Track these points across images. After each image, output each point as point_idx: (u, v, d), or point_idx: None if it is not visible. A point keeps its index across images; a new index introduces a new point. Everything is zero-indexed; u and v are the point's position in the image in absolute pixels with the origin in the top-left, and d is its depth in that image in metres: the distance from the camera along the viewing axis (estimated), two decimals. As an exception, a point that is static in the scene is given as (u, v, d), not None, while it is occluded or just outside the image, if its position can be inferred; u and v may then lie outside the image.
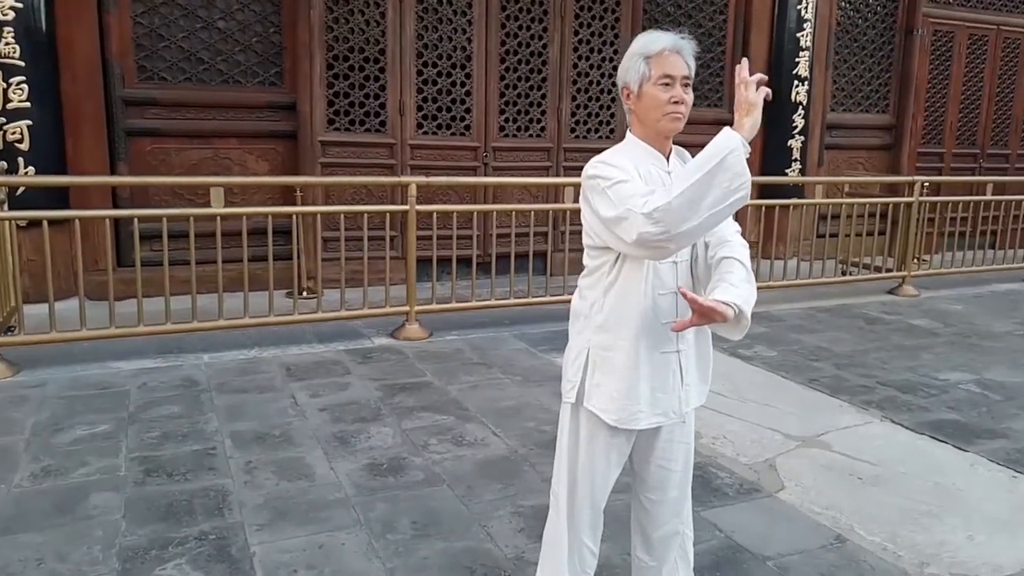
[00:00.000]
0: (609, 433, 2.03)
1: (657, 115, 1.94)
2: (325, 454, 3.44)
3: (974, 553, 2.78)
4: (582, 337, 2.04)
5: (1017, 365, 5.09)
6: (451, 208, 5.82)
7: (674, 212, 1.73)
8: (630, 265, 1.94)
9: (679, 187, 1.74)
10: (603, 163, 1.93)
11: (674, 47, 1.95)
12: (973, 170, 9.50)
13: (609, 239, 1.90)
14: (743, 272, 1.92)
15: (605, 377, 1.98)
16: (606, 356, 1.98)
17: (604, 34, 7.48)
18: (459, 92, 7.06)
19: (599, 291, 1.99)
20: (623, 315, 1.95)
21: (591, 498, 2.09)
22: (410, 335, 5.33)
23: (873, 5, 8.80)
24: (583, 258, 2.08)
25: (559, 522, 2.12)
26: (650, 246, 1.80)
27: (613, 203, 1.85)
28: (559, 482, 2.13)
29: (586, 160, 7.04)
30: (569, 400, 2.07)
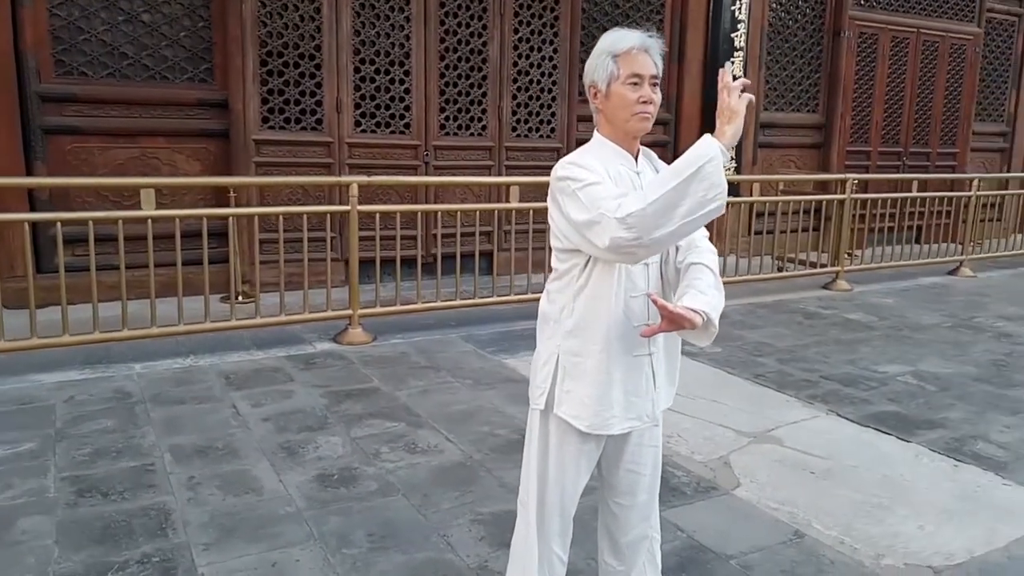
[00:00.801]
0: (579, 440, 1.99)
1: (626, 115, 1.90)
2: (272, 466, 3.30)
3: (925, 543, 2.84)
4: (551, 342, 1.98)
5: (947, 356, 5.27)
6: (394, 208, 5.70)
7: (648, 218, 1.70)
8: (601, 268, 1.90)
9: (654, 193, 1.70)
10: (573, 164, 1.88)
11: (642, 45, 1.90)
12: (897, 168, 9.84)
13: (580, 242, 1.85)
14: (712, 278, 1.91)
15: (576, 383, 1.93)
16: (577, 361, 1.93)
17: (543, 32, 7.45)
18: (398, 89, 6.93)
19: (569, 295, 1.94)
20: (594, 319, 1.91)
21: (561, 506, 2.04)
22: (353, 339, 5.19)
23: (803, 7, 9.02)
24: (551, 260, 2.02)
25: (528, 531, 2.06)
26: (622, 251, 1.76)
27: (585, 206, 1.80)
28: (527, 491, 2.07)
29: (528, 159, 7.07)
30: (538, 407, 2.01)
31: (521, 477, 2.11)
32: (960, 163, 10.23)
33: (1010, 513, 3.08)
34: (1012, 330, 6.02)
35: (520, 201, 6.02)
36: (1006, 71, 10.73)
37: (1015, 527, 2.97)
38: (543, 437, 2.02)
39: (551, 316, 1.99)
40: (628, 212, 1.71)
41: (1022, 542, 2.86)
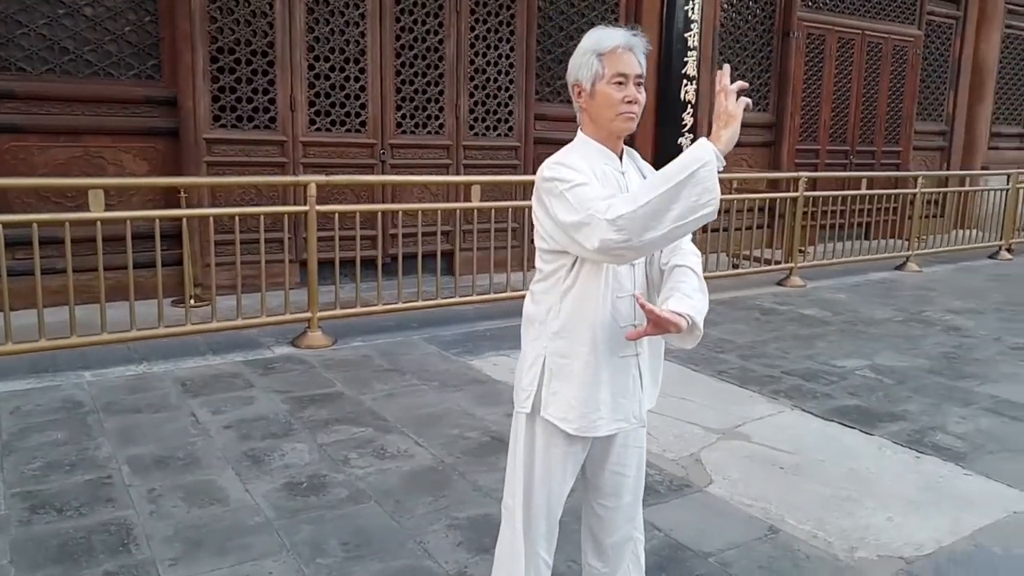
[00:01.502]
0: (566, 442, 1.96)
1: (611, 114, 1.88)
2: (237, 475, 3.19)
3: (895, 534, 2.89)
4: (537, 344, 1.94)
5: (901, 350, 5.39)
6: (353, 208, 5.59)
7: (639, 221, 1.68)
8: (588, 269, 1.87)
9: (646, 196, 1.68)
10: (559, 164, 1.85)
11: (627, 44, 1.89)
12: (844, 166, 10.08)
13: (567, 244, 1.82)
14: (696, 281, 1.90)
15: (563, 385, 1.90)
16: (564, 363, 1.90)
17: (500, 31, 7.41)
18: (353, 87, 6.81)
19: (555, 296, 1.91)
20: (581, 320, 1.88)
21: (547, 509, 2.01)
22: (313, 343, 5.07)
23: (753, 8, 9.17)
24: (536, 262, 1.99)
25: (514, 535, 2.03)
26: (612, 253, 1.73)
27: (573, 207, 1.77)
28: (513, 494, 2.03)
29: (486, 157, 7.03)
30: (524, 410, 1.97)
31: (506, 481, 2.07)
32: (903, 161, 10.53)
33: (972, 503, 3.16)
34: (960, 323, 6.21)
35: (480, 200, 5.98)
36: (944, 72, 11.07)
37: (978, 516, 3.04)
38: (529, 440, 1.99)
39: (536, 318, 1.95)
40: (619, 214, 1.68)
41: (987, 531, 2.93)
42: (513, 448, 2.04)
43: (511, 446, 2.05)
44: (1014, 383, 4.69)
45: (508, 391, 4.31)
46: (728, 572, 2.61)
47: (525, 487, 1.97)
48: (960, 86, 11.15)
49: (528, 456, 1.99)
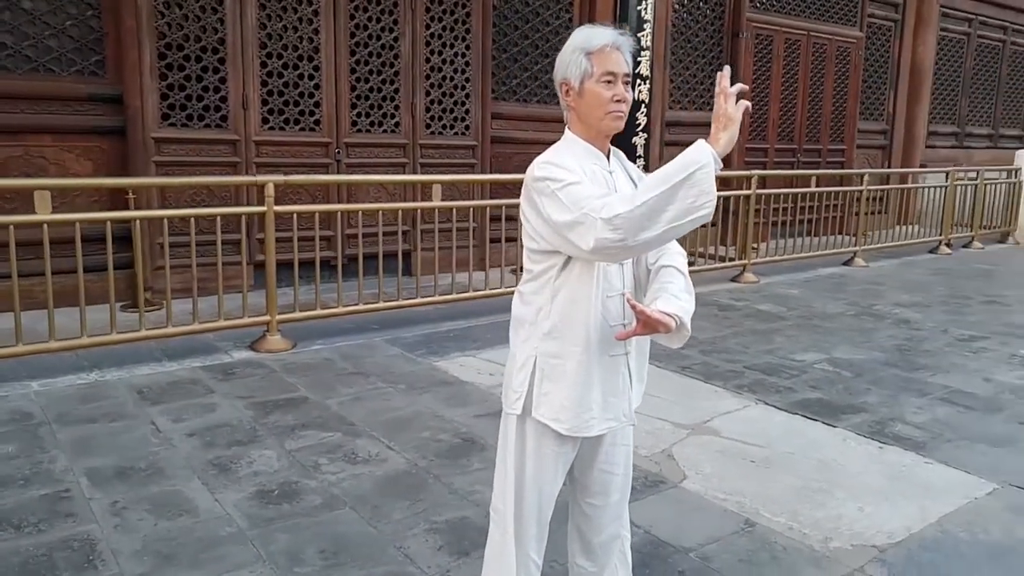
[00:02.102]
0: (557, 443, 1.94)
1: (600, 113, 1.87)
2: (205, 485, 3.09)
3: (867, 524, 2.95)
4: (528, 345, 1.92)
5: (856, 343, 5.53)
6: (312, 208, 5.49)
7: (635, 220, 1.67)
8: (580, 269, 1.86)
9: (643, 196, 1.67)
10: (550, 164, 1.83)
11: (615, 43, 1.88)
12: (792, 164, 10.30)
13: (560, 244, 1.80)
14: (683, 282, 1.91)
15: (555, 385, 1.88)
16: (556, 364, 1.88)
17: (456, 29, 7.36)
18: (307, 85, 6.68)
19: (545, 296, 1.89)
20: (573, 320, 1.86)
21: (538, 511, 2.00)
22: (272, 347, 4.95)
23: (703, 8, 9.30)
24: (523, 262, 1.96)
25: (505, 539, 2.00)
26: (606, 252, 1.73)
27: (566, 206, 1.75)
28: (503, 497, 2.01)
29: (443, 156, 6.98)
30: (514, 411, 1.94)
31: (495, 483, 2.04)
32: (848, 159, 10.82)
33: (936, 490, 3.24)
34: (909, 316, 6.39)
35: (443, 200, 5.93)
36: (885, 73, 11.41)
37: (943, 503, 3.12)
38: (520, 441, 1.96)
39: (527, 319, 1.93)
40: (615, 213, 1.67)
41: (952, 517, 3.01)
42: (503, 450, 2.01)
43: (500, 448, 2.02)
44: (963, 373, 4.85)
45: (476, 392, 4.28)
46: (709, 567, 2.63)
47: (516, 489, 1.95)
48: (899, 87, 11.51)
49: (519, 458, 1.96)
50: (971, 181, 10.26)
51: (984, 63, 12.99)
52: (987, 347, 5.47)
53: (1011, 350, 5.41)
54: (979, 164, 11.61)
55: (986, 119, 13.33)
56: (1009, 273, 8.81)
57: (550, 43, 8.22)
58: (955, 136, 12.80)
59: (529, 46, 8.09)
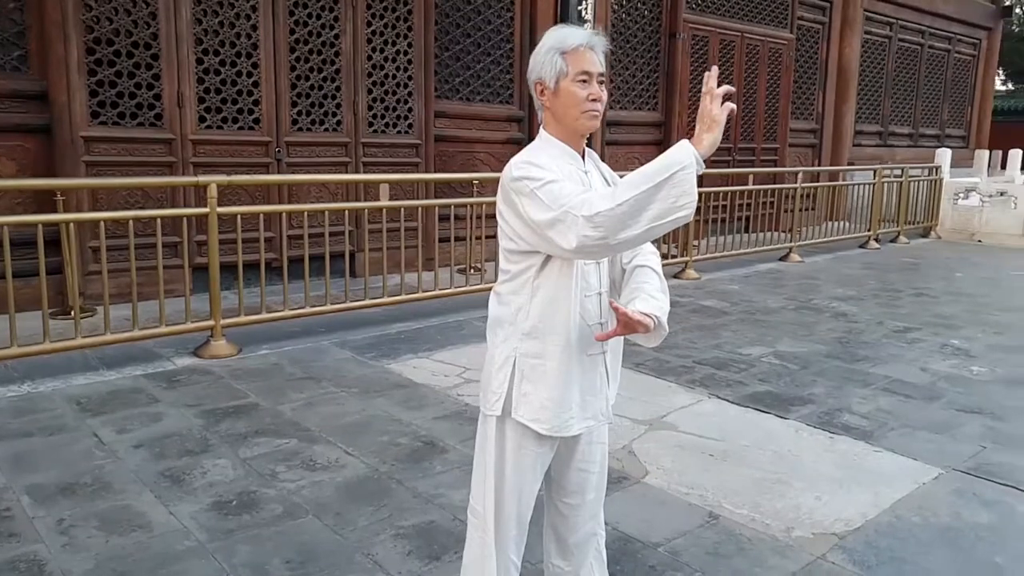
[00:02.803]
0: (536, 444, 1.93)
1: (576, 113, 1.87)
2: (157, 497, 2.96)
3: (825, 512, 3.02)
4: (507, 345, 1.89)
5: (798, 336, 5.68)
6: (257, 209, 5.34)
7: (616, 219, 1.66)
8: (558, 269, 1.85)
9: (624, 195, 1.66)
10: (528, 163, 1.81)
11: (589, 43, 1.88)
12: (728, 162, 10.54)
13: (538, 243, 1.79)
14: (658, 282, 1.93)
15: (535, 386, 1.87)
16: (535, 364, 1.87)
17: (397, 26, 7.27)
18: (246, 83, 6.50)
19: (524, 296, 1.87)
20: (553, 320, 1.85)
21: (518, 513, 1.98)
22: (217, 352, 4.80)
23: (641, 9, 9.43)
24: (500, 263, 1.94)
25: (485, 542, 1.98)
26: (586, 250, 1.72)
27: (546, 205, 1.73)
28: (482, 500, 1.98)
29: (386, 155, 6.88)
30: (494, 412, 1.91)
31: (473, 486, 2.02)
32: (781, 158, 11.13)
33: (886, 477, 3.35)
34: (845, 309, 6.61)
35: (380, 199, 5.85)
36: (815, 74, 11.79)
37: (894, 489, 3.23)
38: (499, 443, 1.94)
39: (505, 319, 1.91)
40: (597, 211, 1.66)
41: (904, 502, 3.12)
42: (481, 453, 1.99)
43: (478, 451, 1.99)
44: (901, 364, 5.04)
45: (432, 394, 4.23)
46: (679, 560, 2.66)
47: (496, 492, 1.92)
48: (828, 87, 11.90)
49: (498, 460, 1.94)
50: (896, 178, 10.68)
51: (904, 65, 13.55)
52: (920, 338, 5.69)
53: (942, 340, 5.64)
54: (901, 162, 12.09)
55: (907, 119, 13.90)
56: (933, 266, 9.21)
57: (492, 42, 8.21)
58: (879, 135, 13.31)
59: (471, 44, 8.05)
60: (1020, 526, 2.97)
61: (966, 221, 11.20)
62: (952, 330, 5.94)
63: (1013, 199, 10.76)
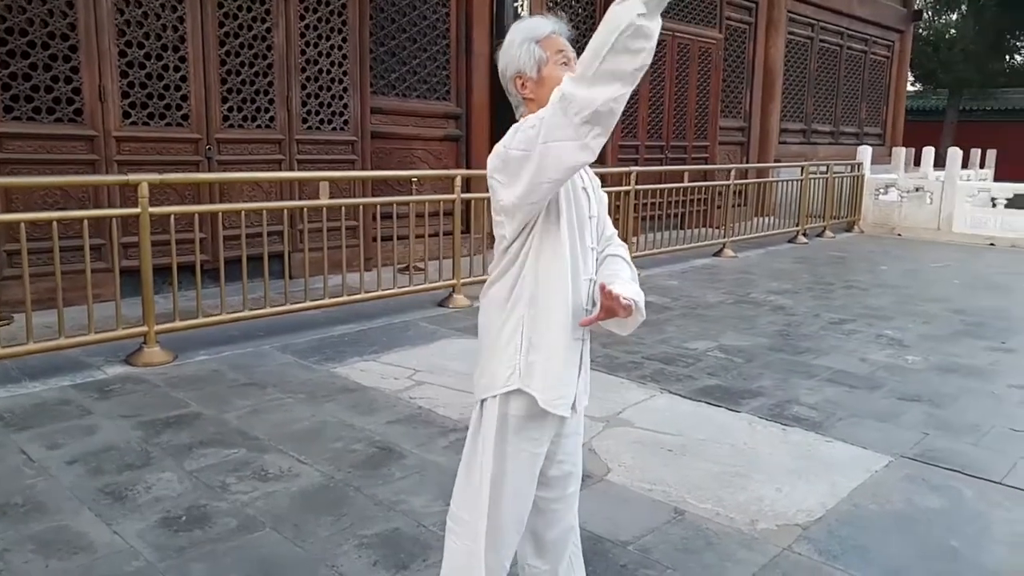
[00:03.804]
0: (535, 444, 1.91)
1: None
2: (98, 516, 2.77)
3: (787, 503, 3.06)
4: (513, 316, 1.84)
5: (740, 330, 5.78)
6: (191, 209, 5.11)
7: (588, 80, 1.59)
8: (553, 241, 1.81)
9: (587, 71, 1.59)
10: (504, 146, 1.75)
11: (558, 30, 1.89)
12: (660, 160, 10.68)
13: (543, 182, 1.68)
14: (629, 271, 1.97)
15: (539, 354, 1.83)
16: (542, 331, 1.83)
17: (332, 20, 7.07)
18: (173, 77, 6.21)
19: (520, 266, 1.83)
20: (550, 288, 1.83)
21: (517, 517, 1.93)
22: (151, 359, 4.56)
23: (576, 7, 9.45)
24: (495, 248, 1.88)
25: (472, 550, 1.91)
26: (589, 133, 1.61)
27: (549, 112, 1.65)
28: (471, 507, 1.91)
29: (321, 152, 6.67)
30: (509, 387, 1.82)
31: (456, 493, 1.96)
32: (711, 155, 11.35)
33: (840, 466, 3.42)
34: (782, 303, 6.77)
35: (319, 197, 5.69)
36: (742, 73, 12.07)
37: (849, 478, 3.29)
38: (501, 436, 1.86)
39: (503, 296, 1.85)
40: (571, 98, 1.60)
41: (860, 491, 3.18)
42: (472, 457, 1.92)
43: (467, 456, 1.93)
44: (841, 355, 5.17)
45: (383, 398, 4.12)
46: (649, 558, 2.64)
47: (492, 496, 1.85)
48: (755, 86, 12.21)
49: (497, 462, 1.86)
50: (822, 175, 11.02)
51: (825, 65, 14.02)
52: (856, 329, 5.87)
53: (876, 331, 5.83)
54: (824, 159, 12.50)
55: (828, 117, 14.39)
56: (859, 259, 9.54)
57: (428, 37, 8.09)
58: (803, 133, 13.74)
59: (407, 40, 7.91)
60: (969, 510, 3.07)
61: (886, 216, 11.66)
62: (884, 321, 6.15)
63: (929, 194, 11.25)
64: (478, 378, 1.90)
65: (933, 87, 26.21)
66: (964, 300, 7.06)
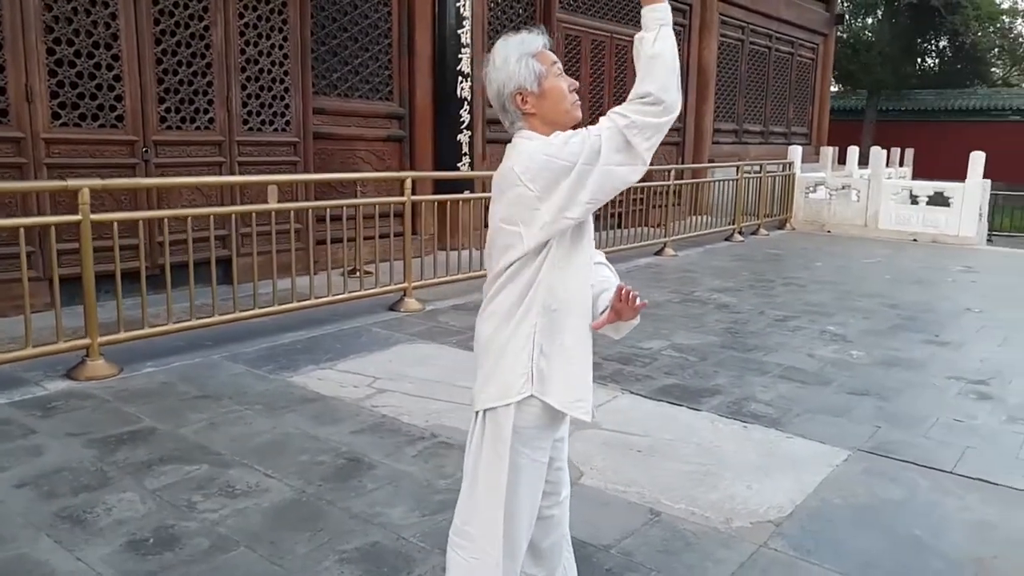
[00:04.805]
0: (542, 453, 1.92)
1: (566, 105, 1.89)
2: (58, 543, 2.63)
3: (758, 501, 3.13)
4: (526, 323, 1.82)
5: (690, 328, 5.89)
6: (136, 216, 4.90)
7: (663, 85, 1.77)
8: (571, 247, 1.83)
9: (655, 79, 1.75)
10: (545, 149, 1.76)
11: (546, 44, 1.93)
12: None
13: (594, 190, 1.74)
14: (616, 279, 2.00)
15: (549, 361, 1.83)
16: (554, 338, 1.83)
17: (272, 19, 6.89)
18: (106, 76, 5.95)
19: (544, 273, 1.81)
20: (569, 295, 1.84)
21: (529, 526, 1.94)
22: (96, 373, 4.35)
23: (516, 7, 9.47)
24: (494, 258, 1.85)
25: (489, 561, 1.89)
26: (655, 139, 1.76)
27: (608, 135, 1.73)
28: (481, 521, 1.91)
29: (262, 154, 6.49)
30: (523, 394, 1.81)
31: (462, 506, 1.96)
32: (649, 155, 11.50)
33: (803, 462, 3.51)
34: (726, 301, 6.92)
35: (268, 200, 5.54)
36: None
37: (812, 474, 3.39)
38: (515, 448, 1.85)
39: (507, 305, 1.84)
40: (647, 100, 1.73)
41: (824, 485, 3.28)
42: (479, 470, 1.90)
43: (472, 468, 1.92)
44: (789, 351, 5.32)
45: (345, 407, 4.03)
46: (633, 561, 2.66)
47: (508, 502, 1.85)
48: (689, 87, 12.44)
49: (513, 461, 1.85)
50: (756, 174, 11.33)
51: (755, 67, 14.41)
52: (800, 325, 6.05)
53: (819, 327, 6.02)
54: (755, 158, 12.86)
55: (758, 118, 14.80)
56: (794, 256, 9.84)
57: (370, 36, 7.97)
58: (735, 133, 14.09)
59: (349, 39, 7.78)
60: (926, 500, 3.20)
61: (817, 213, 12.07)
62: (826, 317, 6.36)
63: (856, 192, 11.69)
64: (482, 388, 1.87)
65: (853, 88, 27.28)
66: (897, 294, 7.36)
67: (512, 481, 1.84)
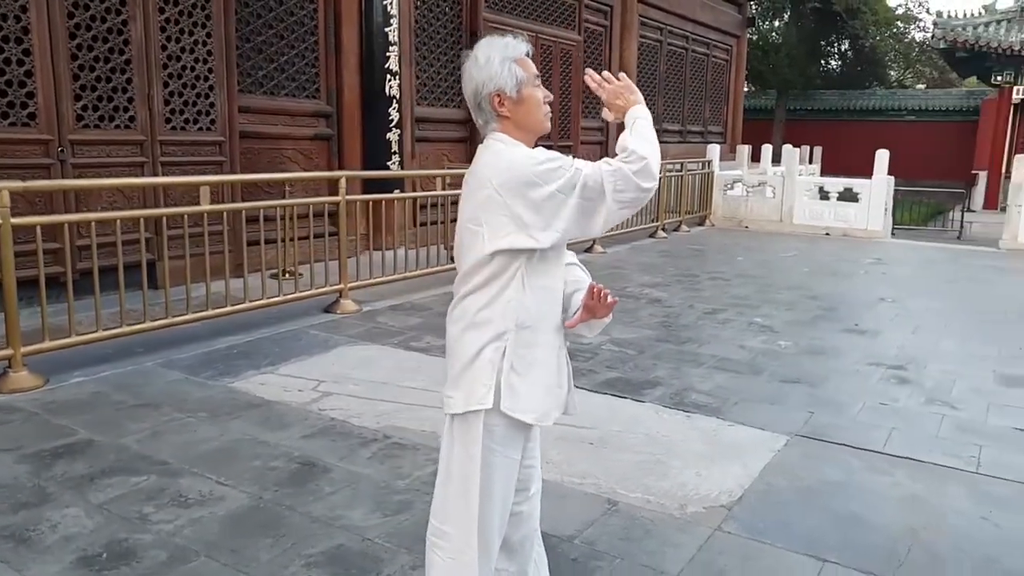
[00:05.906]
0: (515, 450, 1.93)
1: (540, 115, 1.95)
2: (4, 563, 2.50)
3: (709, 486, 3.25)
4: (492, 332, 1.84)
5: (627, 323, 6.02)
6: (60, 219, 4.69)
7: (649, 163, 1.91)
8: (548, 262, 1.87)
9: (643, 146, 1.91)
10: (540, 153, 1.83)
11: (528, 51, 1.96)
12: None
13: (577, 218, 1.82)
14: (588, 279, 2.05)
15: (521, 378, 1.85)
16: (524, 354, 1.85)
17: (194, 14, 6.67)
18: (16, 72, 5.64)
19: (513, 290, 1.83)
20: (544, 309, 1.88)
21: (501, 523, 1.96)
22: (19, 385, 4.14)
23: (443, 6, 9.44)
24: (464, 275, 1.87)
25: (465, 559, 1.90)
26: (639, 200, 1.91)
27: (596, 188, 1.82)
28: (456, 519, 1.92)
29: (186, 154, 6.32)
30: (483, 406, 1.83)
31: (438, 505, 1.96)
32: (574, 154, 11.68)
33: (746, 448, 3.66)
34: (657, 295, 7.11)
35: (200, 201, 5.37)
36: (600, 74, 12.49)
37: (757, 459, 3.53)
38: (487, 443, 1.86)
39: (474, 308, 1.85)
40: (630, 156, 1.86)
41: (768, 470, 3.43)
42: (452, 468, 1.92)
43: (446, 467, 1.93)
44: (721, 343, 5.52)
45: (292, 412, 3.97)
46: (596, 549, 2.72)
47: (482, 502, 1.87)
48: (622, 87, 12.67)
49: (486, 462, 1.87)
50: (677, 173, 11.65)
51: (673, 67, 14.81)
52: (729, 318, 6.27)
53: (747, 319, 6.26)
54: (674, 157, 13.19)
55: (676, 117, 15.22)
56: (716, 251, 10.17)
57: (296, 34, 7.82)
58: (655, 132, 14.41)
59: (274, 36, 7.61)
60: (861, 478, 3.39)
61: (734, 210, 12.50)
62: (752, 309, 6.61)
63: (771, 189, 12.17)
64: (450, 391, 1.88)
65: (763, 88, 28.33)
66: (816, 286, 7.71)
67: (485, 478, 1.86)
